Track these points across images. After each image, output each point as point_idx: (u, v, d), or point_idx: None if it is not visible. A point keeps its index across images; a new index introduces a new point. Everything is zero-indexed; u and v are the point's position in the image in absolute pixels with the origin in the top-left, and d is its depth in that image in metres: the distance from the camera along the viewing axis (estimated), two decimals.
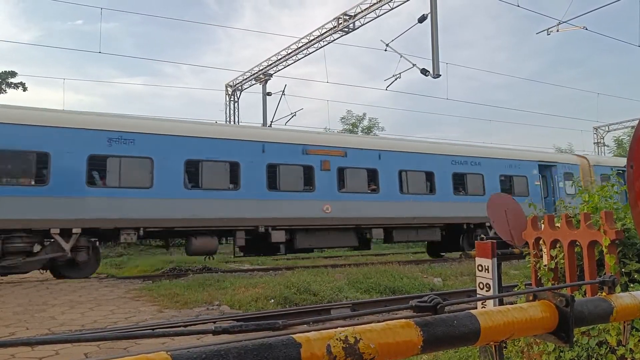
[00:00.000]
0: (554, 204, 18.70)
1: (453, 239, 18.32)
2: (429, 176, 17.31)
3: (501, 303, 3.47)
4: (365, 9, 19.17)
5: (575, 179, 19.82)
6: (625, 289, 3.13)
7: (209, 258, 15.51)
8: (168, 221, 13.15)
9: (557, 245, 3.63)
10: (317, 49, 21.90)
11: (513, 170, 19.13)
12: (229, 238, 15.23)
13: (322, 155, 15.44)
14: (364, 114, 36.67)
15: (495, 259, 3.60)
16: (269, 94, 25.11)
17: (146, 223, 12.88)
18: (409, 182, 16.88)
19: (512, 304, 1.60)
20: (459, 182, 17.97)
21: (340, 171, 15.73)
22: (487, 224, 16.98)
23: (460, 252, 18.23)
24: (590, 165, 21.29)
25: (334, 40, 20.97)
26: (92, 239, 12.78)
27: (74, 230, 11.96)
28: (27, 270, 12.09)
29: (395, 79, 18.73)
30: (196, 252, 13.94)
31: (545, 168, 20.22)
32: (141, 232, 12.82)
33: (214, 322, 6.99)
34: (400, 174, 16.74)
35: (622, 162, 21.18)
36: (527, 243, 3.95)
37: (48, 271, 12.83)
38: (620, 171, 22.79)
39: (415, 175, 17.08)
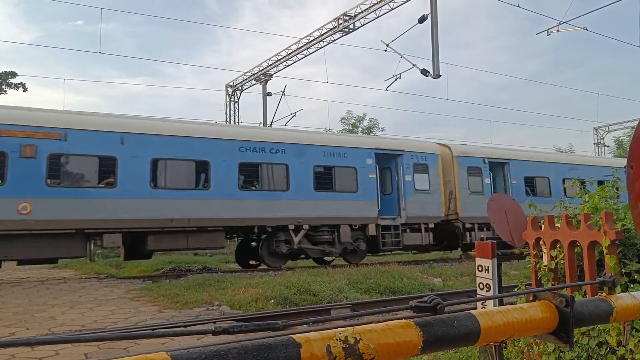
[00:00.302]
0: (399, 201, 16.60)
1: (252, 245, 15.82)
2: (202, 166, 13.76)
3: (501, 303, 3.47)
4: (365, 10, 19.18)
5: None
6: (625, 289, 3.13)
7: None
8: None
9: (557, 246, 3.63)
10: (317, 50, 21.92)
11: (335, 160, 15.53)
12: None
13: (23, 137, 11.85)
14: (364, 114, 36.69)
15: (495, 259, 3.60)
16: (269, 94, 25.12)
17: None
18: (167, 174, 13.39)
19: (512, 304, 1.60)
20: (251, 175, 14.50)
21: (54, 159, 12.08)
22: (292, 227, 14.60)
23: (258, 262, 15.56)
24: (454, 156, 18.01)
25: (334, 40, 20.98)
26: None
27: None
28: None
29: (396, 80, 18.74)
30: None
31: (387, 158, 16.84)
32: None
33: (214, 323, 6.99)
34: (155, 163, 13.14)
35: (496, 153, 19.55)
36: (527, 243, 3.95)
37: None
38: (498, 163, 18.84)
39: (179, 165, 13.51)
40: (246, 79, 25.86)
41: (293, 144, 15.12)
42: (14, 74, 30.46)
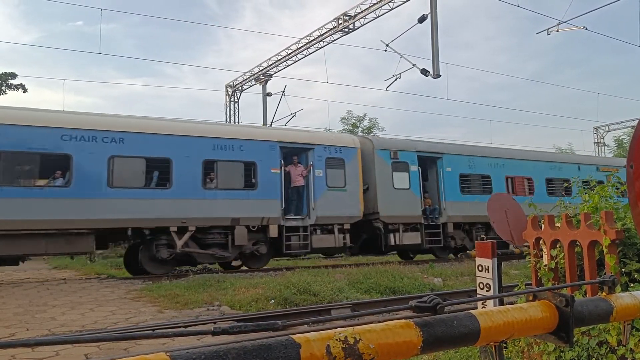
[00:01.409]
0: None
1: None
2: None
3: (501, 303, 3.47)
4: (365, 9, 19.17)
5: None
6: (625, 288, 3.13)
7: None
8: None
9: (558, 245, 3.63)
10: (317, 50, 21.91)
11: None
12: None
13: None
14: (364, 115, 36.70)
15: (496, 259, 3.60)
16: (269, 94, 25.11)
17: None
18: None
19: (512, 304, 1.60)
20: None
21: None
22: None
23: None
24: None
25: (334, 40, 20.98)
26: None
27: None
28: None
29: (395, 79, 18.72)
30: None
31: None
32: None
33: (214, 323, 6.99)
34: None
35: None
36: (527, 243, 3.95)
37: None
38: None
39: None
40: (246, 79, 25.85)
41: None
42: (13, 75, 30.48)
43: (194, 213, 13.14)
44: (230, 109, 26.52)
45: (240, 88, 26.56)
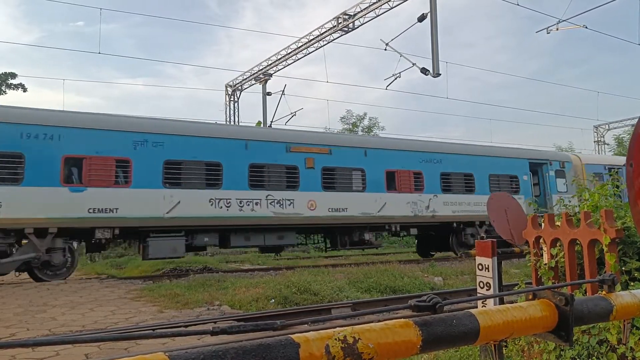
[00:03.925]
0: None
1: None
2: None
3: (501, 302, 3.47)
4: (364, 9, 19.16)
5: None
6: (625, 287, 3.13)
7: None
8: None
9: (558, 244, 3.63)
10: (317, 49, 21.90)
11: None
12: None
13: None
14: (365, 114, 36.71)
15: (496, 258, 3.60)
16: (269, 94, 25.10)
17: None
18: None
19: (513, 302, 1.60)
20: None
21: None
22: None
23: None
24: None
25: (334, 39, 20.96)
26: None
27: None
28: None
29: (395, 79, 18.69)
30: None
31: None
32: None
33: (214, 323, 6.99)
34: None
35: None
36: (527, 242, 3.95)
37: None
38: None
39: None
40: (246, 79, 25.84)
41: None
42: (13, 75, 30.47)
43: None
44: (230, 108, 26.51)
45: (240, 88, 26.55)
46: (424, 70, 16.33)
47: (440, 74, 15.80)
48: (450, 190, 17.43)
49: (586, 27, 19.92)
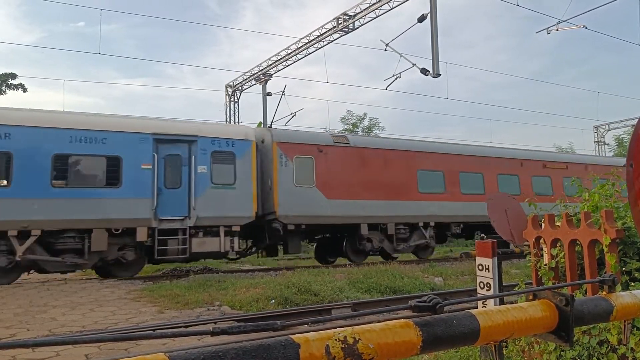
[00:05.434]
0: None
1: None
2: None
3: (502, 302, 3.47)
4: (365, 9, 19.16)
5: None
6: (625, 287, 3.13)
7: None
8: None
9: (558, 245, 3.63)
10: (317, 49, 21.89)
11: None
12: None
13: None
14: (365, 114, 36.70)
15: (496, 258, 3.60)
16: (269, 94, 25.09)
17: None
18: None
19: (513, 303, 1.60)
20: None
21: None
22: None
23: None
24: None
25: (334, 40, 20.96)
26: None
27: None
28: None
29: (395, 79, 18.68)
30: None
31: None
32: None
33: (214, 323, 6.99)
34: None
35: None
36: (527, 242, 3.95)
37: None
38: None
39: None
40: (246, 79, 25.84)
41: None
42: (13, 75, 30.52)
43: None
44: (230, 109, 26.53)
45: (240, 88, 26.55)
46: (424, 71, 16.32)
47: (440, 74, 15.79)
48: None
49: (586, 28, 19.91)
